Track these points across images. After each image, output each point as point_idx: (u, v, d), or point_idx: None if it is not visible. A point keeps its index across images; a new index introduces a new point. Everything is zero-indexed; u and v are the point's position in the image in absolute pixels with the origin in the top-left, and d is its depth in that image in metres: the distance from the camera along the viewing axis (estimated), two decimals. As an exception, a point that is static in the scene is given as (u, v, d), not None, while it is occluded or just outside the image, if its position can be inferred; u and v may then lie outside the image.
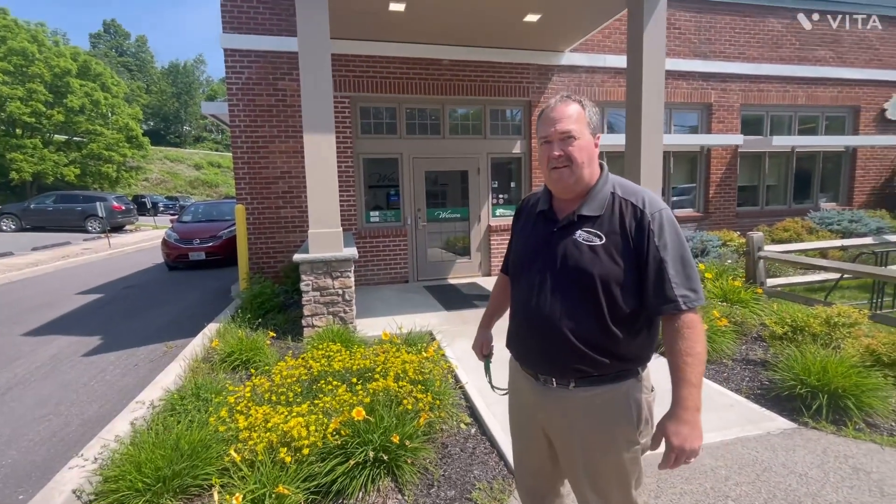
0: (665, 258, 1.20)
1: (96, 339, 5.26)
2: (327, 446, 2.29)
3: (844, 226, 7.56)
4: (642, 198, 1.26)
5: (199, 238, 9.70)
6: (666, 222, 1.22)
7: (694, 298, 1.20)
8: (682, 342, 1.18)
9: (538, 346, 1.32)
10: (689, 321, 1.18)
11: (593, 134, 1.29)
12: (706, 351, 1.21)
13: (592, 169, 1.30)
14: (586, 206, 1.28)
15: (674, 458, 1.18)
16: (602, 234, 1.24)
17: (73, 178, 24.72)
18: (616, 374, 1.27)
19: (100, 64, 29.18)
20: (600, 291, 1.22)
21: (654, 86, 5.08)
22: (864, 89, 8.89)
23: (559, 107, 1.27)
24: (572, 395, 1.29)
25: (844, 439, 2.64)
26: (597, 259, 1.23)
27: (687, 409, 1.16)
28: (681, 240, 1.23)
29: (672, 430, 1.17)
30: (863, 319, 3.60)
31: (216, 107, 7.39)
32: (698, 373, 1.16)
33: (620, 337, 1.24)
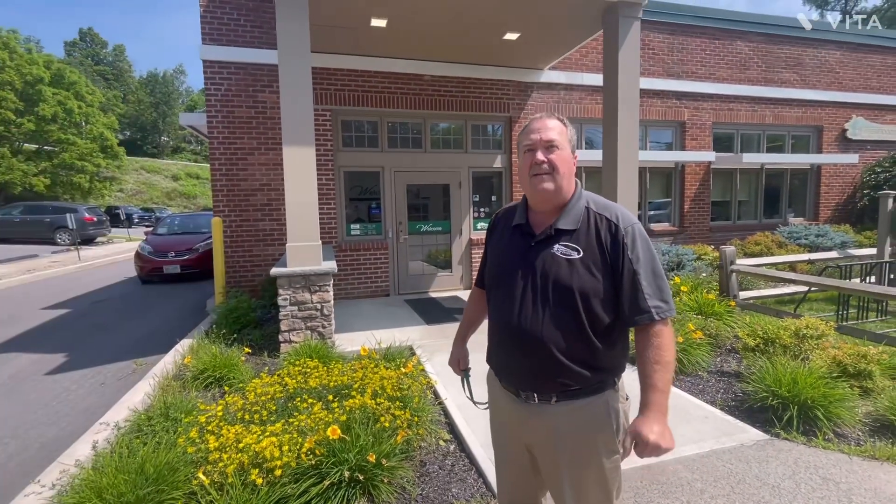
0: (639, 270, 1.24)
1: (61, 356, 5.03)
2: (301, 466, 2.22)
3: (811, 240, 7.86)
4: (616, 213, 1.30)
5: (175, 251, 9.46)
6: (638, 236, 1.27)
7: (666, 309, 1.24)
8: (651, 351, 1.22)
9: (520, 363, 1.32)
10: (660, 331, 1.23)
11: (572, 151, 1.34)
12: (675, 360, 1.25)
13: (570, 183, 1.34)
14: (563, 220, 1.31)
15: (647, 453, 1.18)
16: (580, 248, 1.27)
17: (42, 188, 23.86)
18: (596, 386, 1.30)
19: (74, 72, 28.52)
20: (580, 304, 1.25)
21: (630, 103, 5.24)
22: (827, 110, 9.34)
23: (544, 119, 1.34)
24: (554, 410, 1.30)
25: (814, 450, 2.70)
26: (575, 272, 1.25)
27: (656, 412, 1.19)
28: (652, 253, 1.28)
29: (647, 429, 1.18)
30: (829, 331, 3.72)
31: (195, 118, 7.28)
32: (666, 380, 1.21)
33: (600, 348, 1.27)
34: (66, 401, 3.88)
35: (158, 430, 2.67)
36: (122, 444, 2.54)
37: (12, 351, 5.24)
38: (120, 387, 4.07)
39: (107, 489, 2.05)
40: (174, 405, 2.92)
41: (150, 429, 2.71)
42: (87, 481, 2.13)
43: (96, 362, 4.78)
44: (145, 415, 2.87)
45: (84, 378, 4.38)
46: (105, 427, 2.90)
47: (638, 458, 1.38)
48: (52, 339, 5.72)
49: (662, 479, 2.44)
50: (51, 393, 4.05)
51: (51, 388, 4.14)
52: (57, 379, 4.37)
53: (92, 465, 2.35)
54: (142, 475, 2.13)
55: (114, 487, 2.05)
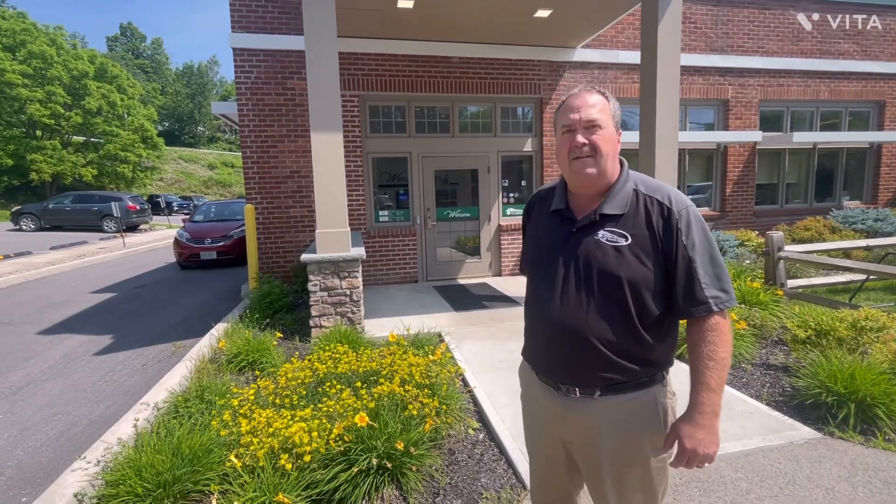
0: (694, 258, 1.13)
1: (107, 338, 5.29)
2: (330, 452, 2.22)
3: (869, 224, 7.29)
4: (668, 194, 1.18)
5: (211, 238, 9.76)
6: (694, 220, 1.15)
7: (725, 300, 1.13)
8: (705, 346, 1.12)
9: (561, 355, 1.24)
10: (716, 324, 1.13)
11: (616, 127, 1.22)
12: (731, 355, 1.15)
13: (614, 164, 1.22)
14: (608, 204, 1.19)
15: (685, 461, 1.15)
16: (627, 234, 1.16)
17: (90, 178, 25.21)
18: (644, 381, 1.21)
19: (116, 66, 29.71)
20: (629, 295, 1.15)
21: (669, 82, 4.93)
22: (890, 83, 8.57)
23: (583, 94, 1.20)
24: (598, 405, 1.21)
25: (874, 451, 2.50)
26: (623, 260, 1.15)
27: (704, 413, 1.12)
28: (709, 238, 1.16)
29: (686, 433, 1.13)
30: (892, 323, 3.42)
31: (226, 107, 7.40)
32: (719, 378, 1.12)
33: (649, 341, 1.17)
34: (111, 380, 4.08)
35: (194, 412, 2.74)
36: (161, 424, 2.63)
37: (65, 332, 5.55)
38: (160, 368, 4.24)
39: (146, 468, 2.11)
40: (209, 388, 3.00)
41: (186, 410, 2.79)
42: (128, 459, 2.21)
43: (138, 344, 5.00)
44: (182, 396, 2.96)
45: (128, 359, 4.58)
46: (145, 407, 3.01)
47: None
48: (100, 321, 6.03)
49: (704, 476, 2.31)
50: (98, 373, 4.26)
51: (98, 369, 4.36)
52: (104, 360, 4.60)
53: (133, 444, 2.44)
54: (178, 456, 2.18)
55: (152, 466, 2.12)
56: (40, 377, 4.21)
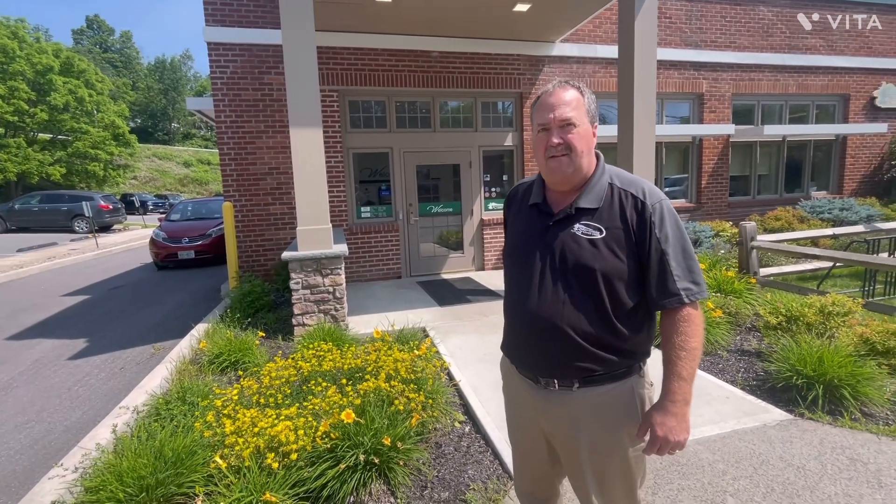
0: (667, 250, 1.16)
1: (82, 341, 5.14)
2: (316, 450, 2.22)
3: (835, 214, 7.59)
4: (642, 188, 1.21)
5: (188, 237, 9.54)
6: (667, 213, 1.18)
7: (696, 291, 1.17)
8: (677, 337, 1.16)
9: (538, 348, 1.25)
10: (688, 315, 1.16)
11: (591, 122, 1.24)
12: (702, 346, 1.19)
13: (590, 159, 1.25)
14: (584, 198, 1.22)
15: (657, 448, 1.19)
16: (602, 227, 1.19)
17: (58, 177, 24.29)
18: (621, 372, 1.24)
19: (83, 60, 28.58)
20: (602, 287, 1.17)
21: (646, 75, 5.02)
22: (854, 77, 8.89)
23: (557, 92, 1.21)
24: (577, 397, 1.24)
25: (841, 430, 2.62)
26: (598, 253, 1.17)
27: (675, 402, 1.16)
28: (682, 231, 1.19)
29: (658, 421, 1.17)
30: (857, 308, 3.58)
31: (202, 102, 7.22)
32: (690, 368, 1.15)
33: (625, 332, 1.20)
34: (88, 385, 3.97)
35: (176, 414, 2.70)
36: (142, 427, 2.58)
37: (36, 337, 5.37)
38: (139, 371, 4.14)
39: (127, 472, 2.07)
40: (191, 389, 2.95)
41: (168, 413, 2.74)
42: (108, 465, 2.17)
43: (115, 347, 4.87)
44: (163, 399, 2.90)
45: (104, 363, 4.47)
46: (125, 411, 2.94)
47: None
48: (73, 325, 5.85)
49: (682, 460, 2.39)
50: (73, 377, 4.14)
51: (73, 373, 4.24)
52: (79, 364, 4.47)
53: (113, 449, 2.39)
54: (160, 459, 2.15)
55: (134, 471, 2.08)
56: (11, 383, 4.07)
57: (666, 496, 2.15)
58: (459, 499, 2.21)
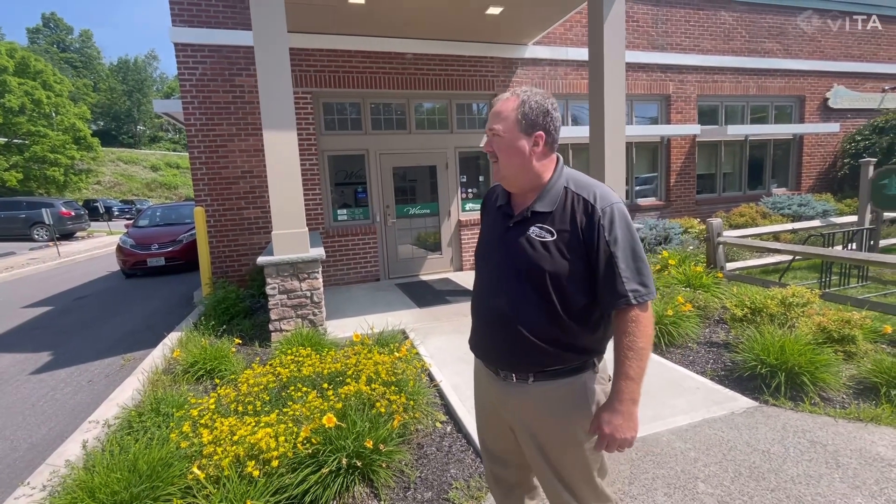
0: (615, 253, 1.19)
1: (45, 354, 4.92)
2: (298, 456, 2.20)
3: (794, 210, 7.98)
4: (594, 192, 1.24)
5: (158, 243, 9.24)
6: (617, 217, 1.21)
7: (644, 293, 1.19)
8: (626, 337, 1.19)
9: (496, 343, 1.32)
10: (636, 316, 1.19)
11: (528, 132, 1.24)
12: (651, 346, 1.22)
13: (524, 168, 1.27)
14: (539, 202, 1.27)
15: (605, 445, 1.24)
16: (553, 230, 1.23)
17: (14, 183, 23.09)
18: (575, 367, 1.28)
19: (40, 60, 27.27)
20: (551, 287, 1.22)
21: (616, 77, 5.16)
22: (809, 79, 9.37)
23: (497, 104, 1.28)
24: (532, 390, 1.30)
25: (802, 414, 2.77)
26: (547, 255, 1.22)
27: (622, 401, 1.20)
28: (632, 234, 1.22)
29: (605, 419, 1.22)
30: (815, 299, 3.79)
31: (170, 104, 7.02)
32: (637, 368, 1.19)
33: (576, 330, 1.25)
34: (53, 400, 3.81)
35: (150, 426, 2.62)
36: (113, 441, 2.49)
37: (-6, 352, 5.11)
38: (108, 384, 4.00)
39: (99, 488, 2.01)
40: (165, 400, 2.88)
41: (141, 425, 2.66)
42: (79, 481, 2.09)
43: (82, 360, 4.68)
44: (135, 411, 2.82)
45: (71, 376, 4.29)
46: (95, 425, 2.84)
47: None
48: (35, 338, 5.59)
49: (657, 450, 2.48)
50: (37, 393, 3.96)
51: (36, 388, 4.06)
52: (42, 378, 4.28)
53: (83, 465, 2.30)
54: (135, 472, 2.09)
55: (106, 486, 2.01)
56: (-31, 402, 3.86)
57: (642, 485, 2.23)
58: (442, 498, 2.23)
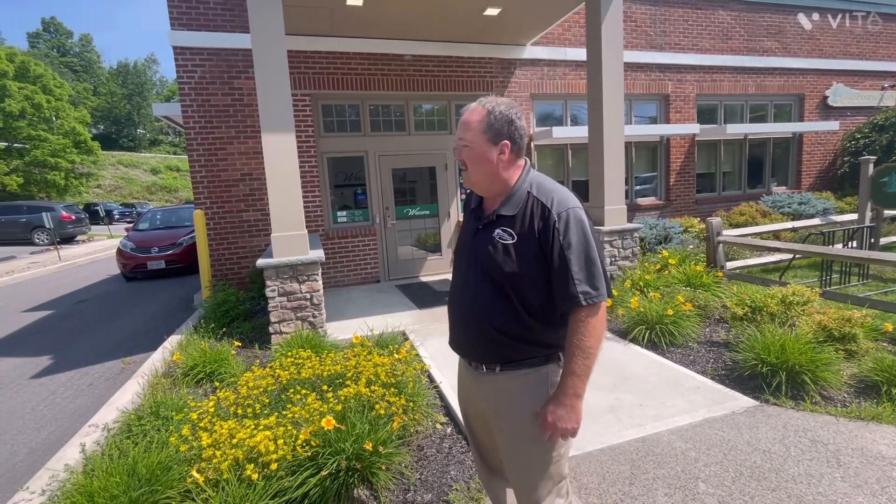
0: (569, 256, 1.25)
1: (46, 359, 4.92)
2: (297, 459, 2.20)
3: (794, 208, 7.96)
4: (552, 198, 1.29)
5: (158, 246, 9.25)
6: (573, 221, 1.26)
7: (594, 295, 1.25)
8: (574, 336, 1.26)
9: (468, 337, 1.43)
10: (585, 317, 1.25)
11: (495, 141, 1.31)
12: (599, 345, 1.27)
13: (491, 175, 1.34)
14: (504, 206, 1.34)
15: (549, 434, 1.31)
16: (514, 233, 1.30)
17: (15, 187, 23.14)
18: (538, 359, 1.36)
19: (40, 65, 27.34)
20: (510, 287, 1.30)
21: (614, 77, 5.17)
22: (808, 78, 9.36)
23: (465, 115, 1.34)
24: (499, 378, 1.39)
25: (803, 413, 2.76)
26: (508, 257, 1.30)
27: (566, 394, 1.28)
28: (586, 239, 1.27)
29: (550, 409, 1.30)
30: (815, 297, 3.78)
31: (169, 108, 7.03)
32: (584, 366, 1.26)
33: (537, 327, 1.33)
34: (54, 404, 3.81)
35: (149, 430, 2.62)
36: (113, 445, 2.49)
37: (-6, 356, 5.11)
38: (108, 387, 4.00)
39: (98, 492, 2.01)
40: (164, 403, 2.87)
41: (140, 429, 2.65)
42: (78, 485, 2.09)
43: (83, 363, 4.69)
44: (135, 415, 2.81)
45: (71, 380, 4.29)
46: (94, 429, 2.84)
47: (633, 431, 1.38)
48: (36, 341, 5.59)
49: (657, 450, 2.48)
50: (37, 397, 3.96)
51: (37, 392, 4.06)
52: (43, 382, 4.28)
53: (82, 469, 2.30)
54: (134, 476, 2.09)
55: (105, 490, 2.01)
56: (-31, 406, 3.86)
57: (642, 485, 2.22)
58: (442, 500, 2.22)
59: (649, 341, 3.87)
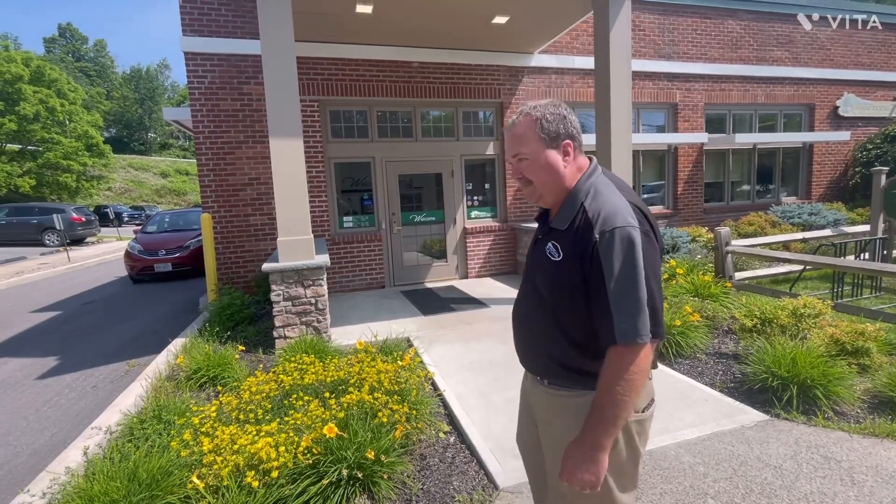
0: (608, 286, 1.06)
1: (52, 359, 4.95)
2: (298, 466, 2.17)
3: (804, 219, 7.87)
4: (599, 213, 1.11)
5: (165, 249, 9.32)
6: (617, 244, 1.07)
7: (630, 333, 1.04)
8: (605, 376, 1.09)
9: (518, 342, 1.38)
10: (618, 356, 1.07)
11: (550, 145, 1.20)
12: (633, 394, 1.06)
13: (556, 182, 1.22)
14: (556, 219, 1.22)
15: (565, 478, 1.14)
16: (562, 251, 1.17)
17: (28, 189, 23.49)
18: (580, 384, 1.21)
19: (55, 69, 27.85)
20: (551, 309, 1.20)
21: (622, 86, 5.15)
22: (818, 88, 9.29)
23: (513, 129, 1.24)
24: (547, 391, 1.29)
25: (815, 429, 2.70)
26: (552, 276, 1.19)
27: (585, 441, 1.10)
28: (634, 266, 1.06)
29: (569, 453, 1.14)
30: (827, 310, 3.71)
31: (180, 112, 7.10)
32: (611, 414, 1.06)
33: (574, 353, 1.19)
34: (58, 405, 3.81)
35: (151, 434, 2.61)
36: (114, 449, 2.48)
37: (2, 356, 5.14)
38: (112, 389, 4.00)
39: (98, 497, 1.99)
40: (167, 407, 2.86)
41: (142, 433, 2.65)
42: (79, 489, 2.08)
43: (88, 365, 4.70)
44: (137, 418, 2.81)
45: (76, 381, 4.30)
46: (97, 432, 2.83)
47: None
48: (43, 342, 5.62)
49: (665, 464, 2.42)
50: (42, 398, 3.97)
51: (42, 393, 4.07)
52: (48, 383, 4.30)
53: (83, 473, 2.29)
54: (134, 481, 2.07)
55: (106, 495, 2.00)
56: (-25, 406, 3.88)
57: (649, 500, 2.17)
58: (445, 511, 2.19)
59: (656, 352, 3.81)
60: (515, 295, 1.43)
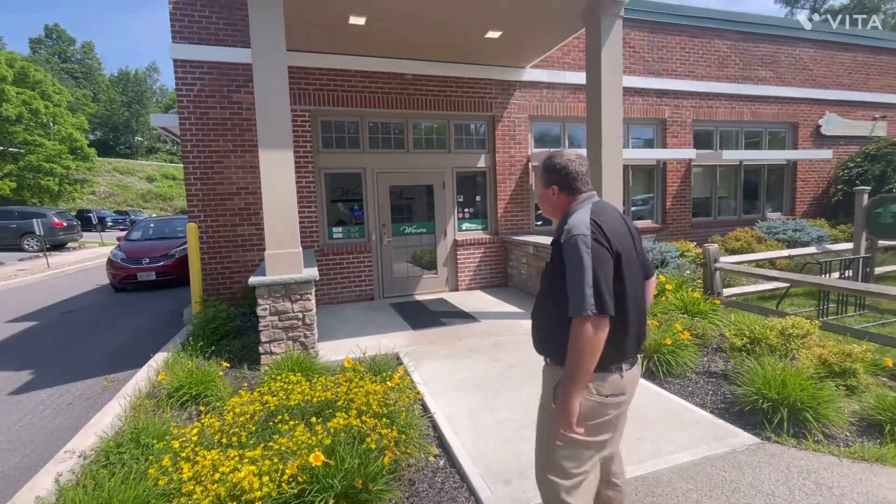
0: (567, 273, 1.50)
1: (26, 374, 4.76)
2: (283, 496, 2.09)
3: (789, 235, 8.00)
4: (568, 228, 1.56)
5: (149, 257, 9.11)
6: (572, 245, 1.50)
7: (578, 306, 1.44)
8: (569, 341, 1.48)
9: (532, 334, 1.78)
10: (577, 325, 1.45)
11: (546, 184, 1.73)
12: (587, 354, 1.44)
13: (552, 209, 1.75)
14: (557, 233, 1.65)
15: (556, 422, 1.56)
16: (553, 255, 1.64)
17: (8, 192, 22.89)
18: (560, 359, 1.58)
19: (39, 70, 27.35)
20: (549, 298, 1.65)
21: (613, 102, 5.20)
22: (801, 107, 9.52)
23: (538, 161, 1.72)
24: (545, 368, 1.75)
25: (805, 453, 2.69)
26: (548, 272, 1.67)
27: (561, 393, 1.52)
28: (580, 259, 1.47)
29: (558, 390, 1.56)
30: (815, 330, 3.74)
31: (167, 119, 6.99)
32: (572, 367, 1.45)
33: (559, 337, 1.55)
34: (31, 424, 3.65)
35: (128, 459, 2.50)
36: (88, 475, 2.37)
37: (-27, 369, 4.94)
38: (89, 406, 3.86)
39: (69, 530, 1.89)
40: (146, 429, 2.75)
41: (118, 458, 2.53)
42: (48, 521, 1.97)
43: (64, 380, 4.53)
44: (114, 441, 2.69)
45: (51, 398, 4.14)
46: (70, 455, 2.71)
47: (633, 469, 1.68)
48: (17, 354, 5.42)
49: (658, 490, 2.39)
50: (13, 416, 3.80)
51: (14, 411, 3.90)
52: (21, 400, 4.12)
53: (55, 501, 2.18)
54: (108, 512, 1.97)
55: (77, 528, 1.89)
56: (-59, 424, 3.70)
57: (642, 530, 2.13)
58: (434, 542, 2.12)
59: (647, 370, 3.80)
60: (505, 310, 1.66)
